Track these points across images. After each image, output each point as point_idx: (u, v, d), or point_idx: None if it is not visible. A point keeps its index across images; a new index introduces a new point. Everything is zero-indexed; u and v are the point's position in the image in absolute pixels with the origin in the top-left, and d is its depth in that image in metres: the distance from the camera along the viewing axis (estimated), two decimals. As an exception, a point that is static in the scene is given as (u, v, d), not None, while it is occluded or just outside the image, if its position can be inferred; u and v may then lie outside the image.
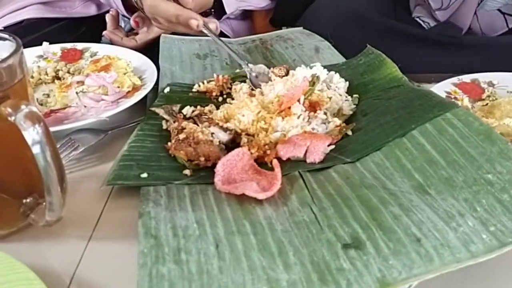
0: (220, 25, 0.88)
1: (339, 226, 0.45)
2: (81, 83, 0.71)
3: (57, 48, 0.85)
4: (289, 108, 0.62)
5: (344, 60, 0.81)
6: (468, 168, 0.49)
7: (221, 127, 0.60)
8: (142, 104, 0.68)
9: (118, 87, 0.71)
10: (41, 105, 0.71)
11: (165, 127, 0.63)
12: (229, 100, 0.69)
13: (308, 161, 0.56)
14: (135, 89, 0.71)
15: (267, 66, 0.77)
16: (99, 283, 0.44)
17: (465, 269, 0.40)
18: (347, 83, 0.70)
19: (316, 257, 0.42)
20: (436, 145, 0.53)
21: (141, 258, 0.41)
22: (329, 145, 0.58)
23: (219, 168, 0.53)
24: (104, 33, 0.97)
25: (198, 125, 0.61)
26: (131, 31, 1.01)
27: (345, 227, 0.45)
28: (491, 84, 0.73)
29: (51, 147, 0.41)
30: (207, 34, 0.79)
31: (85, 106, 0.68)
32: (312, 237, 0.44)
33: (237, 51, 0.81)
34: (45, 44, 0.84)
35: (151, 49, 0.89)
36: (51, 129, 0.42)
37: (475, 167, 0.49)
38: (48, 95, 0.74)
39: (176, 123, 0.61)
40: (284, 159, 0.57)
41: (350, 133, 0.61)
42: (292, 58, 0.84)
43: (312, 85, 0.65)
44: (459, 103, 0.68)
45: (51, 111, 0.69)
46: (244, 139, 0.60)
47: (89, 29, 1.05)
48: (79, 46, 0.85)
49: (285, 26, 1.05)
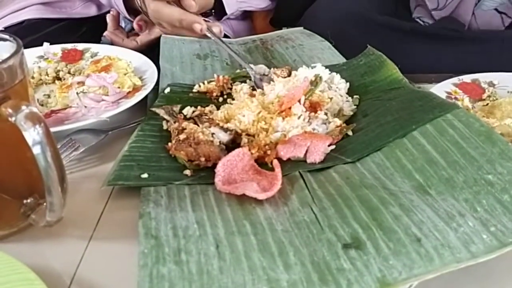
0: (218, 23, 0.88)
1: (339, 226, 0.45)
2: (82, 83, 0.71)
3: (57, 49, 0.85)
4: (290, 108, 0.62)
5: (344, 60, 0.81)
6: (469, 168, 0.49)
7: (222, 128, 0.60)
8: (143, 104, 0.68)
9: (119, 87, 0.71)
10: (42, 105, 0.71)
11: (165, 127, 0.63)
12: (229, 101, 0.69)
13: (308, 161, 0.56)
14: (136, 89, 0.71)
15: (268, 66, 0.77)
16: (99, 283, 0.44)
17: (465, 269, 0.40)
18: (348, 84, 0.70)
19: (316, 257, 0.42)
20: (437, 145, 0.53)
21: (141, 259, 0.41)
22: (329, 145, 0.58)
23: (219, 169, 0.53)
24: (105, 33, 0.97)
25: (198, 125, 0.61)
26: (131, 31, 1.01)
27: (345, 227, 0.45)
28: (491, 84, 0.73)
29: (52, 147, 0.41)
30: (210, 37, 0.79)
31: (85, 107, 0.68)
32: (312, 237, 0.44)
33: (239, 52, 0.81)
34: (45, 44, 0.84)
35: (151, 49, 0.89)
36: (51, 129, 0.42)
37: (475, 167, 0.49)
38: (49, 96, 0.74)
39: (177, 124, 0.61)
40: (285, 159, 0.57)
41: (350, 133, 0.61)
42: (293, 59, 0.84)
43: (315, 85, 0.65)
44: (460, 103, 0.68)
45: (51, 112, 0.69)
46: (245, 140, 0.60)
47: (89, 29, 1.05)
48: (80, 46, 0.85)
49: (285, 27, 1.05)
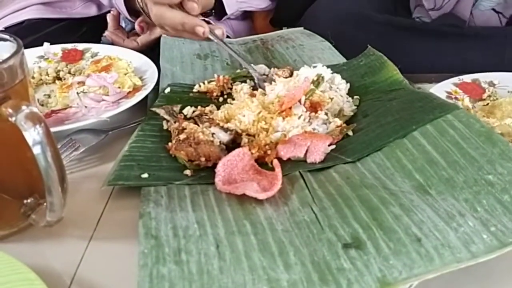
0: (220, 25, 0.88)
1: (339, 226, 0.45)
2: (82, 83, 0.71)
3: (58, 49, 0.85)
4: (290, 108, 0.62)
5: (344, 60, 0.81)
6: (469, 168, 0.49)
7: (222, 127, 0.60)
8: (143, 104, 0.68)
9: (119, 87, 0.71)
10: (42, 105, 0.71)
11: (165, 127, 0.63)
12: (229, 101, 0.69)
13: (308, 161, 0.56)
14: (136, 89, 0.71)
15: (268, 66, 0.77)
16: (99, 283, 0.44)
17: (465, 269, 0.40)
18: (348, 84, 0.70)
19: (316, 257, 0.42)
20: (437, 146, 0.53)
21: (141, 259, 0.41)
22: (329, 145, 0.58)
23: (219, 168, 0.53)
24: (106, 34, 0.97)
25: (198, 125, 0.61)
26: (131, 31, 1.01)
27: (345, 227, 0.45)
28: (491, 84, 0.73)
29: (52, 147, 0.41)
30: (213, 40, 0.79)
31: (85, 107, 0.68)
32: (312, 237, 0.44)
33: (241, 53, 0.81)
34: (46, 44, 0.84)
35: (152, 49, 0.89)
36: (52, 129, 0.42)
37: (475, 168, 0.49)
38: (49, 96, 0.74)
39: (177, 124, 0.61)
40: (285, 159, 0.57)
41: (350, 133, 0.61)
42: (293, 59, 0.84)
43: (317, 85, 0.65)
44: (460, 103, 0.68)
45: (52, 112, 0.69)
46: (245, 139, 0.60)
47: (89, 29, 1.05)
48: (80, 46, 0.85)
49: (285, 27, 1.05)
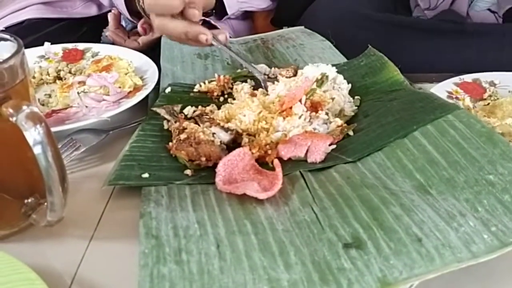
0: (220, 25, 0.88)
1: (340, 226, 0.45)
2: (83, 83, 0.71)
3: (58, 48, 0.85)
4: (291, 108, 0.62)
5: (345, 60, 0.81)
6: (470, 169, 0.49)
7: (222, 127, 0.60)
8: (143, 104, 0.68)
9: (120, 87, 0.71)
10: (43, 105, 0.71)
11: (166, 127, 0.63)
12: (230, 100, 0.69)
13: (309, 160, 0.56)
14: (136, 89, 0.71)
15: (268, 66, 0.77)
16: (100, 283, 0.44)
17: (466, 269, 0.40)
18: (349, 85, 0.70)
19: (317, 256, 0.42)
20: (438, 146, 0.53)
21: (142, 259, 0.41)
22: (330, 145, 0.58)
23: (220, 168, 0.53)
24: (107, 34, 0.97)
25: (199, 125, 0.61)
26: (132, 30, 1.01)
27: (346, 227, 0.45)
28: (492, 84, 0.73)
29: (53, 147, 0.41)
30: (217, 46, 0.79)
31: (86, 106, 0.68)
32: (313, 236, 0.44)
33: (243, 55, 0.81)
34: (46, 44, 0.84)
35: (152, 49, 0.89)
36: (52, 129, 0.42)
37: (476, 168, 0.49)
38: (50, 95, 0.74)
39: (177, 123, 0.61)
40: (285, 159, 0.57)
41: (351, 133, 0.61)
42: (294, 58, 0.84)
43: (320, 84, 0.65)
44: (461, 103, 0.68)
45: (52, 111, 0.69)
46: (245, 139, 0.60)
47: (90, 29, 1.05)
48: (81, 46, 0.85)
49: (286, 26, 1.05)
